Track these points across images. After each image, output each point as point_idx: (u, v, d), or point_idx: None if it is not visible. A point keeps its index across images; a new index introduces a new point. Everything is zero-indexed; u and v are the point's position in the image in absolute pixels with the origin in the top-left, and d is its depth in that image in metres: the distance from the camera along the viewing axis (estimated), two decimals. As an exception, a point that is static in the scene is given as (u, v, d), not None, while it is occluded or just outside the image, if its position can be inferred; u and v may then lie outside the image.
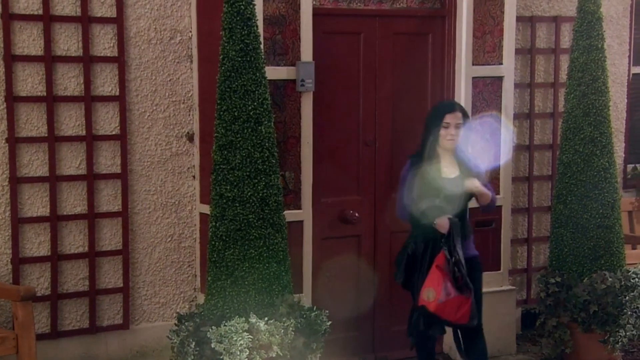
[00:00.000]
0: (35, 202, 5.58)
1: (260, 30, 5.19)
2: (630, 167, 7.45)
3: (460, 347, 5.29)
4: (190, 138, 5.96)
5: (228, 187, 5.05)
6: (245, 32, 4.99)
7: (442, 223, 5.01)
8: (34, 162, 5.56)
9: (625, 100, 7.35)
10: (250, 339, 4.89)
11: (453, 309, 4.95)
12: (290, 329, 5.04)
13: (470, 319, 4.98)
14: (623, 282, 6.02)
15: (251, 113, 5.02)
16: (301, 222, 5.71)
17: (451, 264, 4.96)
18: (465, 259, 5.03)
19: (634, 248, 6.99)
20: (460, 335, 5.26)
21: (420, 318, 5.09)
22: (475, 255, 5.26)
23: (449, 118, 5.09)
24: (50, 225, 5.60)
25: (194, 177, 5.99)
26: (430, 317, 5.05)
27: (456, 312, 4.95)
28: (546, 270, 6.29)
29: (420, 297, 5.02)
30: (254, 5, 5.04)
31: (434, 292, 4.94)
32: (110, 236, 5.80)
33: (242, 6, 4.97)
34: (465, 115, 5.17)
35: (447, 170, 5.11)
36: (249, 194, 5.04)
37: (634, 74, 7.39)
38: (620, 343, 5.96)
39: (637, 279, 6.05)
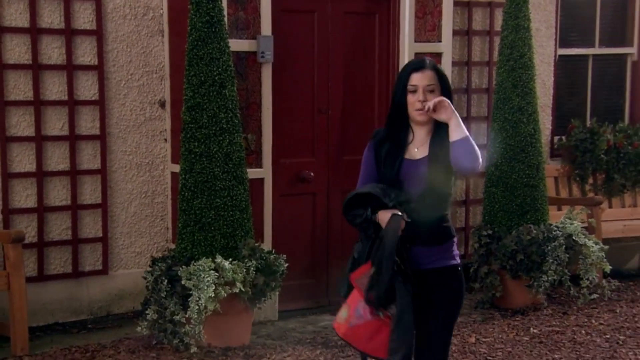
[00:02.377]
0: (23, 160, 5.66)
1: (225, 6, 5.34)
2: (556, 138, 7.51)
3: None
4: (162, 104, 6.07)
5: (196, 144, 5.23)
6: (211, 6, 5.17)
7: (384, 217, 3.31)
8: (22, 123, 5.65)
9: (552, 79, 7.44)
10: (216, 277, 5.04)
11: (365, 337, 3.34)
12: (252, 269, 5.21)
13: (390, 353, 3.28)
14: (546, 234, 6.14)
15: (216, 78, 5.21)
16: (262, 179, 5.82)
17: (370, 276, 3.29)
18: (434, 269, 3.38)
19: (559, 209, 7.15)
20: None
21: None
22: (451, 265, 3.45)
23: (416, 79, 3.37)
24: (37, 180, 5.68)
25: (165, 139, 6.10)
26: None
27: (368, 341, 3.34)
28: (480, 225, 6.50)
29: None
30: None
31: (347, 311, 3.40)
32: (90, 191, 5.89)
33: None
34: (440, 75, 3.42)
35: (416, 151, 3.40)
36: (215, 150, 5.22)
37: (560, 55, 7.49)
38: (543, 287, 6.07)
39: (557, 232, 6.19)
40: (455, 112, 3.31)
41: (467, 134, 3.29)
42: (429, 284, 3.36)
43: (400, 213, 3.28)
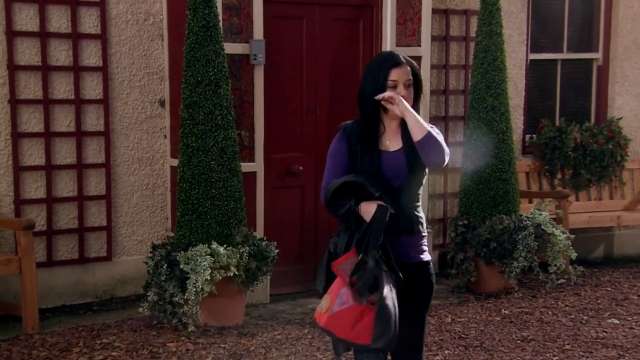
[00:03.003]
0: (33, 154, 5.73)
1: (220, 12, 5.40)
2: (528, 136, 7.52)
3: None
4: (162, 103, 6.15)
5: (193, 139, 5.31)
6: (207, 11, 5.26)
7: (368, 209, 3.15)
8: (32, 120, 5.72)
9: (524, 81, 7.44)
10: (212, 261, 5.11)
11: (349, 323, 3.08)
12: (245, 254, 5.28)
13: (374, 339, 3.04)
14: (517, 224, 6.21)
15: (212, 78, 5.29)
16: (255, 172, 5.88)
17: (355, 263, 3.11)
18: (405, 264, 3.22)
19: (530, 202, 7.22)
20: None
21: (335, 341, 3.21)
22: (423, 261, 3.31)
23: (396, 74, 3.21)
24: (46, 173, 5.76)
25: (165, 136, 6.17)
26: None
27: (352, 328, 3.07)
28: (457, 216, 6.60)
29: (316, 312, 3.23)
30: None
31: (328, 301, 3.15)
32: (95, 184, 5.96)
33: None
34: (415, 71, 3.30)
35: (389, 143, 3.27)
36: (211, 144, 5.30)
37: (531, 60, 7.47)
38: (514, 273, 6.14)
39: (528, 222, 6.26)
40: (409, 108, 3.17)
41: (429, 129, 3.16)
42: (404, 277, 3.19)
43: (384, 204, 3.13)
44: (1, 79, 5.62)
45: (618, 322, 5.69)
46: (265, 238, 5.60)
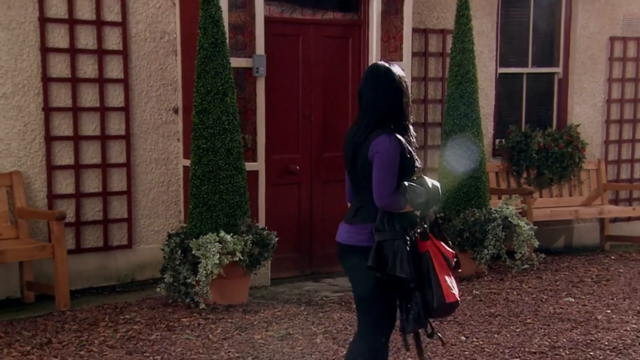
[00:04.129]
0: (64, 155, 5.84)
1: (227, 31, 5.52)
2: (497, 141, 7.58)
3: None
4: (176, 111, 6.24)
5: (203, 141, 5.44)
6: (215, 30, 5.40)
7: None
8: (62, 125, 5.82)
9: (494, 92, 7.53)
10: (220, 247, 5.25)
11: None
12: (249, 241, 5.41)
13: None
14: (487, 216, 6.34)
15: (220, 88, 5.41)
16: (257, 171, 5.98)
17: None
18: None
19: (499, 198, 7.19)
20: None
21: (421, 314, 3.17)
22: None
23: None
24: (74, 172, 5.86)
25: (178, 139, 6.26)
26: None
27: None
28: (433, 209, 6.75)
29: (446, 292, 3.17)
30: (222, 11, 5.44)
31: (452, 281, 3.20)
32: (117, 181, 6.06)
33: (213, 12, 5.39)
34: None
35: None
36: (219, 146, 5.42)
37: (500, 73, 7.55)
38: (484, 259, 6.30)
39: (496, 214, 6.39)
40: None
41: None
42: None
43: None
44: (36, 90, 5.73)
45: (573, 300, 5.86)
46: (266, 228, 5.70)
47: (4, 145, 5.67)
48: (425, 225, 3.22)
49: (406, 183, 3.15)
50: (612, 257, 7.46)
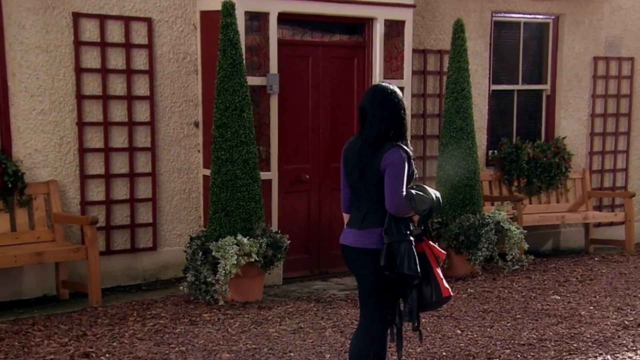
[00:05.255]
0: (95, 165, 5.93)
1: (243, 53, 5.63)
2: (490, 152, 7.62)
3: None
4: (196, 125, 6.31)
5: (222, 153, 5.55)
6: (234, 52, 5.52)
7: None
8: (94, 138, 5.91)
9: (487, 107, 7.58)
10: (238, 249, 5.36)
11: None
12: (263, 244, 5.51)
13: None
14: (480, 221, 6.44)
15: (237, 104, 5.52)
16: (270, 180, 6.06)
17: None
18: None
19: (492, 204, 7.28)
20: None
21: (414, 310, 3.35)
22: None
23: None
24: (105, 180, 5.95)
25: (199, 151, 6.32)
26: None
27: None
28: (432, 215, 6.81)
29: (443, 288, 3.39)
30: (239, 35, 5.55)
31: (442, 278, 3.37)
32: (144, 189, 6.14)
33: (231, 36, 5.51)
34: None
35: None
36: (236, 157, 5.53)
37: (492, 90, 7.61)
38: (478, 260, 6.40)
39: (489, 219, 6.52)
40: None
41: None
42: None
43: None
44: (71, 106, 5.82)
45: (559, 297, 5.93)
46: (279, 231, 5.78)
47: (42, 156, 5.78)
48: (422, 228, 3.39)
49: (413, 191, 3.30)
50: (596, 259, 7.53)
